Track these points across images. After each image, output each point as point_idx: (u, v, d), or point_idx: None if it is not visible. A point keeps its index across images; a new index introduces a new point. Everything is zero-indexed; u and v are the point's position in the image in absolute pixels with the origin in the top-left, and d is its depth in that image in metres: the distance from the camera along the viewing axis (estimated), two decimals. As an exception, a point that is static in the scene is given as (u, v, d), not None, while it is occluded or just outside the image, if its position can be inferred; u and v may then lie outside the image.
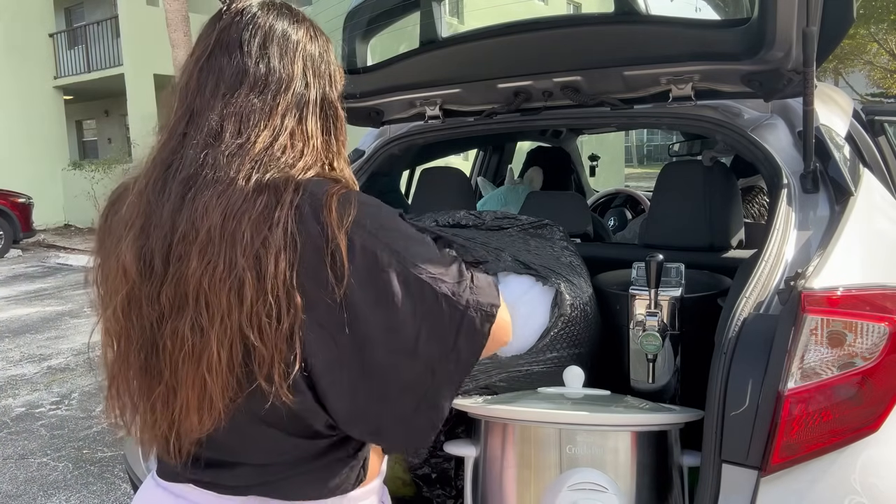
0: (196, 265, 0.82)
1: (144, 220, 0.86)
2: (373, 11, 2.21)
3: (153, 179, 0.87)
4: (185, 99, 0.90)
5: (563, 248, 1.70)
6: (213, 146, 0.86)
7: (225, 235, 0.82)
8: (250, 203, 0.82)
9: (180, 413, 0.86)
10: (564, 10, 19.63)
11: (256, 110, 0.88)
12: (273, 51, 0.91)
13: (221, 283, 0.81)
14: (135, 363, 0.88)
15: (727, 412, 1.14)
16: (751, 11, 1.61)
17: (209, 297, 0.82)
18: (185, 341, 0.83)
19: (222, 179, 0.83)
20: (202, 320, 0.82)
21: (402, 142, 2.30)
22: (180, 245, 0.83)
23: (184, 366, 0.84)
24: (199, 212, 0.83)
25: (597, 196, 4.09)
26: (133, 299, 0.86)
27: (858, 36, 16.60)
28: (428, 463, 1.63)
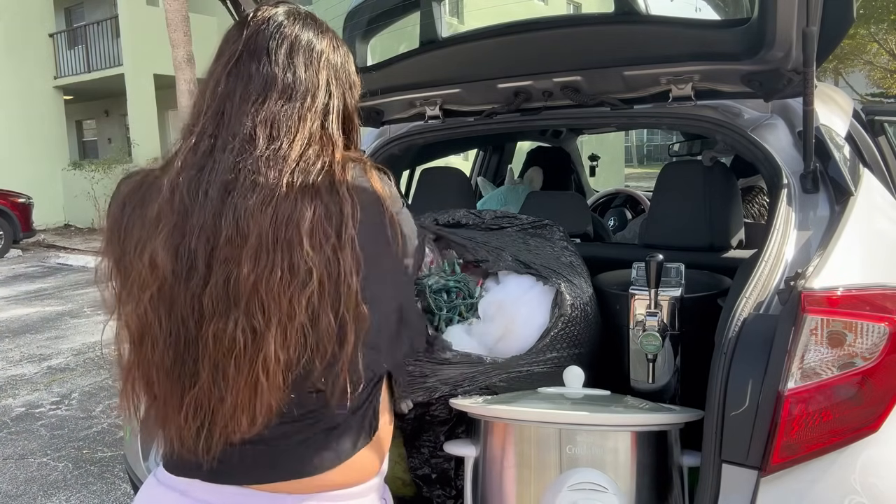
0: (248, 269, 0.84)
1: (179, 220, 0.87)
2: (373, 11, 2.21)
3: (187, 180, 0.88)
4: (214, 102, 0.92)
5: (563, 247, 1.70)
6: (249, 151, 0.88)
7: (279, 241, 0.85)
8: (303, 209, 0.86)
9: (229, 414, 0.87)
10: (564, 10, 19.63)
11: (287, 117, 0.91)
12: (299, 60, 0.95)
13: (281, 288, 0.84)
14: (161, 361, 0.89)
15: (727, 412, 1.14)
16: (751, 11, 1.61)
17: (266, 301, 0.84)
18: (235, 342, 0.85)
19: (265, 185, 0.86)
20: (255, 322, 0.84)
21: (402, 142, 2.30)
22: (226, 248, 0.85)
23: (233, 367, 0.85)
24: (245, 217, 0.85)
25: (597, 196, 4.09)
26: (163, 297, 0.87)
27: (858, 36, 16.59)
28: (428, 463, 1.62)
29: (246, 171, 0.87)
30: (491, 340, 1.55)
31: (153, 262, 0.86)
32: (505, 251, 1.62)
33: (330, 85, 0.98)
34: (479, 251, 1.60)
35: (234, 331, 0.85)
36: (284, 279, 0.85)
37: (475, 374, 1.45)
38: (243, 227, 0.85)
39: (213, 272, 0.85)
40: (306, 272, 0.85)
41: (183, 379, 0.89)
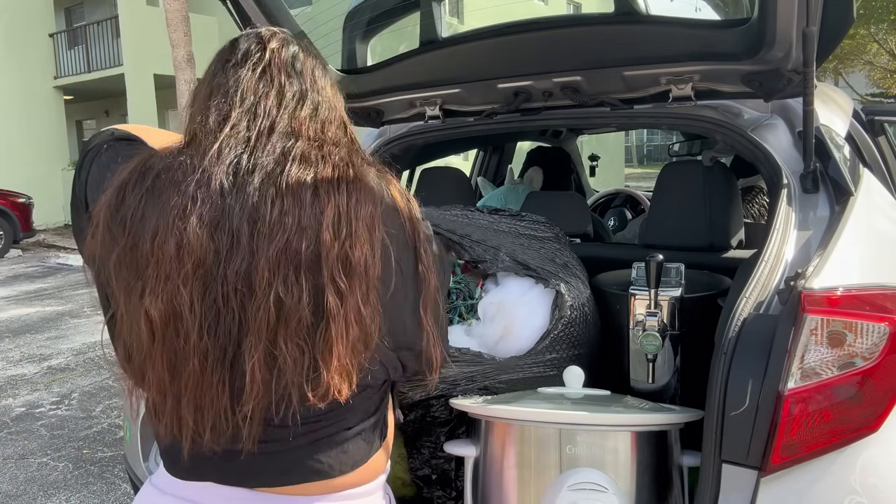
0: (331, 238, 0.88)
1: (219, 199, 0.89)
2: (373, 11, 2.21)
3: (227, 165, 0.91)
4: (247, 100, 0.96)
5: (561, 247, 1.70)
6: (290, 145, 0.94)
7: (351, 213, 0.91)
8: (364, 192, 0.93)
9: (327, 382, 0.89)
10: (564, 10, 19.63)
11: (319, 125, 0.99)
12: (318, 84, 1.02)
13: (363, 257, 0.90)
14: (195, 347, 0.87)
15: (727, 412, 1.14)
16: (751, 11, 1.61)
17: (352, 265, 0.89)
18: (320, 307, 0.88)
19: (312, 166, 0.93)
20: (341, 285, 0.88)
21: (402, 142, 2.30)
22: (277, 217, 0.88)
23: (333, 329, 0.88)
24: (307, 190, 0.90)
25: (597, 196, 4.09)
26: (197, 279, 0.87)
27: (858, 36, 16.60)
28: (428, 464, 1.63)
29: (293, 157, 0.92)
30: (491, 341, 1.55)
31: (186, 244, 0.86)
32: (501, 250, 1.61)
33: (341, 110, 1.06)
34: (475, 249, 1.60)
35: (311, 297, 0.87)
36: (366, 249, 0.90)
37: (474, 373, 1.45)
38: (307, 198, 0.90)
39: (265, 243, 0.87)
40: (375, 246, 0.91)
41: (226, 360, 0.88)
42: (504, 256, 1.60)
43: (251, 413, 0.89)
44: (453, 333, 1.55)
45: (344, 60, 2.22)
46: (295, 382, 0.88)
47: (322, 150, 0.96)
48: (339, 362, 0.89)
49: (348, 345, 0.89)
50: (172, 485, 0.99)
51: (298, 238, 0.88)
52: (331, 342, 0.88)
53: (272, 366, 0.88)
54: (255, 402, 0.88)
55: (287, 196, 0.89)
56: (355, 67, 2.21)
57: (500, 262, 1.59)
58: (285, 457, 0.96)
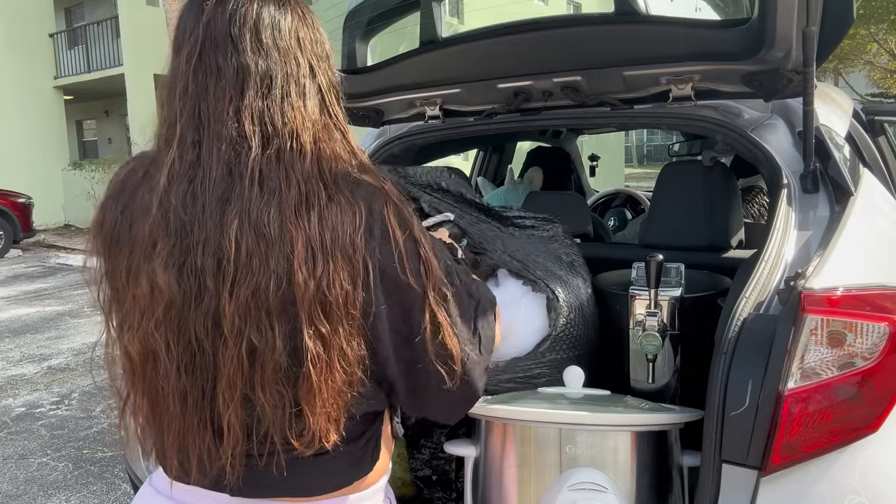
0: (305, 277, 0.79)
1: (178, 239, 0.81)
2: (373, 11, 2.21)
3: (180, 196, 0.82)
4: (187, 104, 0.84)
5: (566, 245, 1.70)
6: (245, 154, 0.82)
7: (336, 244, 0.81)
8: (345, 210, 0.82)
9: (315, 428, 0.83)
10: (564, 10, 19.63)
11: (276, 110, 0.83)
12: (269, 41, 0.85)
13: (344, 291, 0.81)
14: (175, 387, 0.83)
15: (727, 412, 1.14)
16: (751, 11, 1.61)
17: (331, 306, 0.80)
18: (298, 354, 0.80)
19: (282, 188, 0.81)
20: (322, 328, 0.80)
21: (402, 142, 2.30)
22: (246, 260, 0.79)
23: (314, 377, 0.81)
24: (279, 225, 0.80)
25: (597, 196, 4.08)
26: (170, 321, 0.81)
27: (858, 36, 16.59)
28: (429, 465, 1.62)
29: (249, 177, 0.81)
30: (491, 341, 1.54)
31: (154, 286, 0.81)
32: (505, 247, 1.60)
33: (310, 61, 0.88)
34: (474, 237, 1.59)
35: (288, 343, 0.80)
36: (345, 282, 0.81)
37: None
38: (273, 235, 0.79)
39: (233, 287, 0.79)
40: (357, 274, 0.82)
41: (202, 403, 0.84)
42: (506, 256, 1.59)
43: (232, 457, 0.84)
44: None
45: (344, 60, 2.22)
46: (277, 428, 0.83)
47: (282, 159, 0.82)
48: (324, 408, 0.82)
49: (334, 389, 0.83)
50: (168, 487, 0.98)
51: (267, 281, 0.79)
52: (314, 389, 0.81)
53: (251, 411, 0.83)
54: (233, 448, 0.84)
55: (249, 233, 0.79)
56: (355, 67, 2.21)
57: (499, 258, 1.58)
58: (267, 474, 0.90)
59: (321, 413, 0.83)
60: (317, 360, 0.81)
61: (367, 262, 0.83)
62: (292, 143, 0.83)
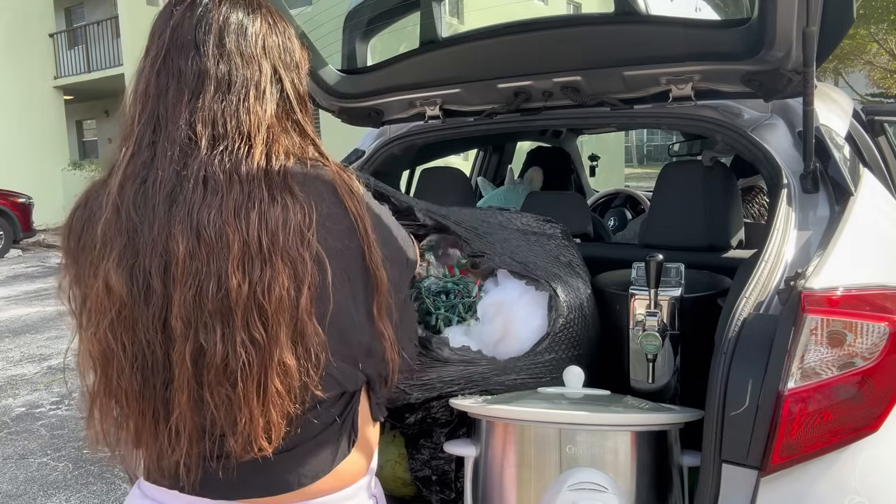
0: (239, 280, 0.79)
1: (127, 239, 0.82)
2: (373, 11, 2.21)
3: (131, 196, 0.82)
4: (147, 106, 0.85)
5: (564, 246, 1.70)
6: (192, 156, 0.82)
7: (275, 247, 0.80)
8: (289, 211, 0.81)
9: (245, 434, 0.82)
10: (564, 10, 19.62)
11: (231, 114, 0.84)
12: (232, 46, 0.86)
13: (283, 295, 0.80)
14: (129, 387, 0.84)
15: (727, 412, 1.14)
16: (751, 11, 1.61)
17: (268, 310, 0.79)
18: (235, 359, 0.80)
19: (226, 189, 0.80)
20: (256, 334, 0.79)
21: (402, 142, 2.30)
22: (188, 262, 0.79)
23: (240, 384, 0.80)
24: (214, 226, 0.79)
25: (597, 196, 4.08)
26: (123, 321, 0.82)
27: (858, 36, 16.58)
28: (428, 465, 1.62)
29: (194, 178, 0.81)
30: (490, 342, 1.54)
31: (108, 285, 0.81)
32: (504, 248, 1.61)
33: (274, 67, 0.89)
34: (476, 244, 1.59)
35: (227, 346, 0.79)
36: (287, 286, 0.80)
37: (473, 374, 1.45)
38: (212, 237, 0.79)
39: (178, 289, 0.80)
40: (303, 276, 0.81)
41: (155, 403, 0.84)
42: (507, 258, 1.59)
43: (187, 457, 0.84)
44: (452, 334, 1.55)
45: (344, 60, 2.22)
46: (228, 429, 0.83)
47: (229, 160, 0.82)
48: (254, 419, 0.81)
49: (267, 399, 0.81)
50: (150, 488, 0.98)
51: (208, 283, 0.79)
52: (243, 398, 0.81)
53: (205, 412, 0.83)
54: (187, 448, 0.84)
55: (191, 235, 0.79)
56: (355, 67, 2.21)
57: (499, 257, 1.58)
58: (240, 472, 0.90)
59: (255, 419, 0.81)
60: (246, 367, 0.80)
61: (322, 260, 0.83)
62: (240, 145, 0.83)
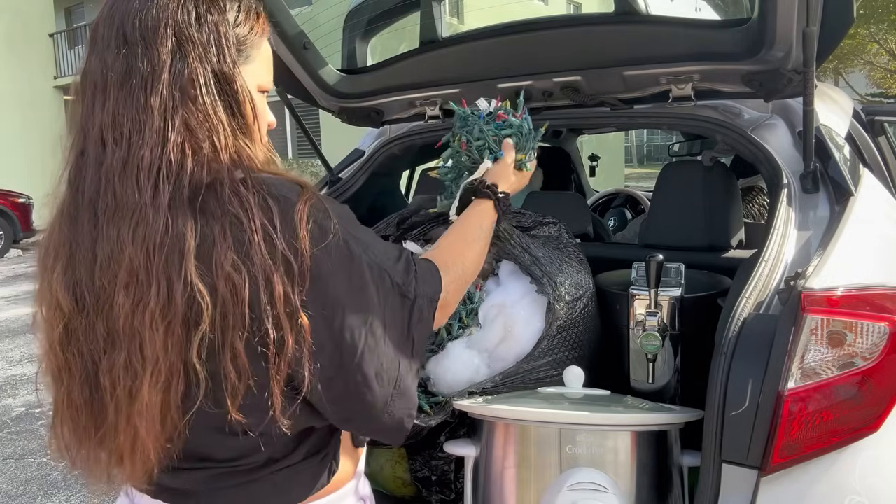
0: (121, 302, 0.75)
1: (69, 250, 0.80)
2: (373, 11, 2.21)
3: (66, 205, 0.81)
4: (77, 112, 0.82)
5: (571, 246, 1.69)
6: (103, 163, 0.77)
7: (152, 269, 0.74)
8: (180, 228, 0.74)
9: (112, 460, 0.82)
10: (564, 10, 19.61)
11: (128, 111, 0.76)
12: (132, 34, 0.77)
13: (154, 321, 0.74)
14: (78, 399, 0.82)
15: (727, 412, 1.14)
16: (751, 11, 1.61)
17: (143, 337, 0.75)
18: (118, 381, 0.77)
19: (125, 203, 0.75)
20: (136, 361, 0.76)
21: (402, 142, 2.30)
22: (104, 277, 0.77)
23: (118, 408, 0.78)
24: (115, 242, 0.75)
25: (597, 196, 4.08)
26: (71, 333, 0.80)
27: (858, 36, 16.59)
28: (428, 465, 1.62)
29: (103, 189, 0.76)
30: (491, 344, 1.54)
31: (55, 297, 0.80)
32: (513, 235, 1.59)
33: (183, 50, 0.77)
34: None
35: (119, 368, 0.77)
36: (158, 312, 0.74)
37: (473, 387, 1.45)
38: (116, 255, 0.75)
39: (98, 305, 0.78)
40: (188, 302, 0.74)
41: (96, 418, 0.82)
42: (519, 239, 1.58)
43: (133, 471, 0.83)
44: (453, 348, 1.53)
45: (344, 60, 2.22)
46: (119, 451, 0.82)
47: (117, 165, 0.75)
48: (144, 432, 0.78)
49: (153, 414, 0.77)
50: (137, 495, 0.97)
51: (115, 300, 0.76)
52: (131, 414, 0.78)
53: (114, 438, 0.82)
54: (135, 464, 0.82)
55: (105, 249, 0.76)
56: (355, 67, 2.21)
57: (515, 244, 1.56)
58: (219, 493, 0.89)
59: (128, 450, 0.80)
60: (113, 394, 0.78)
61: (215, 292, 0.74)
62: (139, 151, 0.75)
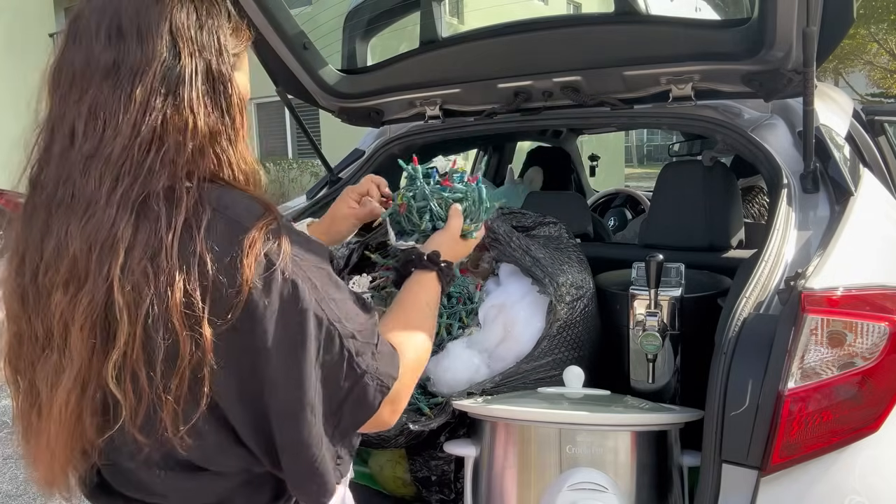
0: (58, 300, 0.71)
1: (21, 250, 0.77)
2: (373, 11, 2.21)
3: (24, 204, 0.79)
4: (49, 106, 0.79)
5: (571, 246, 1.69)
6: (68, 157, 0.74)
7: (90, 269, 0.70)
8: (121, 228, 0.70)
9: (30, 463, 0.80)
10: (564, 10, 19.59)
11: (110, 102, 0.73)
12: (128, 27, 0.75)
13: (82, 327, 0.70)
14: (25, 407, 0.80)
15: (727, 412, 1.14)
16: (751, 11, 1.62)
17: (71, 337, 0.71)
18: (46, 380, 0.74)
19: (82, 196, 0.72)
20: (64, 361, 0.72)
21: (402, 142, 2.30)
22: (48, 275, 0.73)
23: (41, 411, 0.76)
24: (63, 238, 0.72)
25: (597, 196, 4.08)
26: (20, 339, 0.77)
27: (858, 36, 16.58)
28: (427, 465, 1.62)
29: (62, 182, 0.74)
30: (491, 345, 1.54)
31: (6, 301, 0.78)
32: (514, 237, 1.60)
33: (177, 47, 0.75)
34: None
35: (49, 369, 0.74)
36: (86, 318, 0.70)
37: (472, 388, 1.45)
38: (62, 250, 0.72)
39: (39, 305, 0.74)
40: (117, 311, 0.69)
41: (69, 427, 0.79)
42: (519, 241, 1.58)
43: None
44: (453, 348, 1.53)
45: (344, 60, 2.22)
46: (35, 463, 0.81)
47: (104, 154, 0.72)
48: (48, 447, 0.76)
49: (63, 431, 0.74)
50: None
51: (50, 298, 0.74)
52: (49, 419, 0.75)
53: None
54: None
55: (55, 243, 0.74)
56: (355, 67, 2.21)
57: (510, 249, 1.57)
58: None
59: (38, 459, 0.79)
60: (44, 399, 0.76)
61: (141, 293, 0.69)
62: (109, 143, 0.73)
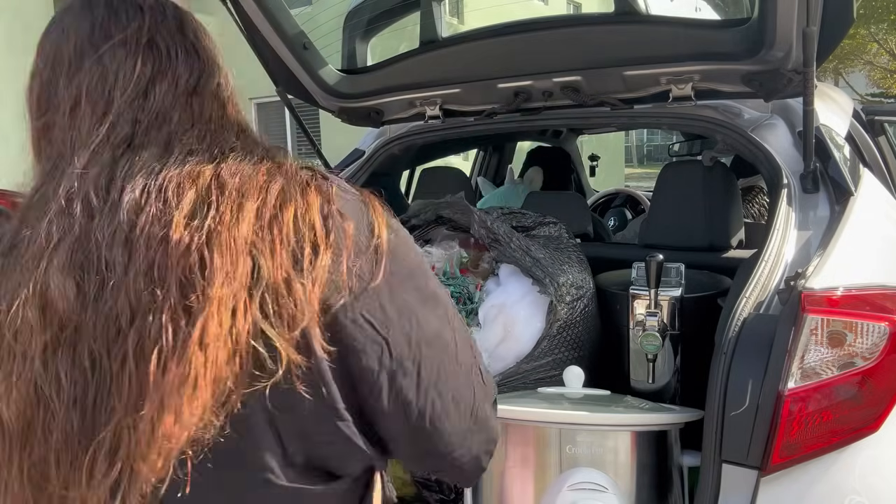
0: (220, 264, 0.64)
1: (80, 231, 0.69)
2: (373, 11, 2.21)
3: (93, 179, 0.73)
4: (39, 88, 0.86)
5: (571, 246, 1.70)
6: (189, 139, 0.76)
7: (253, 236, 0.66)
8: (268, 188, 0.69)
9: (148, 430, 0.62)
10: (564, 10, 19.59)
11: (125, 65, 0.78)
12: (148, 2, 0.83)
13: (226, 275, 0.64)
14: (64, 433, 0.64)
15: (727, 412, 1.14)
16: (751, 11, 1.62)
17: (207, 279, 0.64)
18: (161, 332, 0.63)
19: None
20: (191, 302, 0.64)
21: (402, 142, 2.30)
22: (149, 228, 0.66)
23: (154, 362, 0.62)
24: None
25: (597, 196, 4.08)
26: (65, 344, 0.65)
27: (858, 36, 16.58)
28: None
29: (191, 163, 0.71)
30: (490, 345, 1.54)
31: (44, 299, 0.66)
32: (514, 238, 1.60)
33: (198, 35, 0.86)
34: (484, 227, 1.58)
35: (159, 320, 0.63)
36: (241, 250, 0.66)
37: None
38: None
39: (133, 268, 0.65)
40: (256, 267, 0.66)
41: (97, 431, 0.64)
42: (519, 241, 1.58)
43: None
44: None
45: (344, 60, 2.22)
46: (164, 405, 0.64)
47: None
48: (203, 375, 0.63)
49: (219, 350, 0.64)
50: None
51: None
52: (188, 354, 0.63)
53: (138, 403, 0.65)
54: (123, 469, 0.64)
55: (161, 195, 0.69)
56: (355, 67, 2.21)
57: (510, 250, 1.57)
58: None
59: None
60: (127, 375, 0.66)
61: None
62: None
